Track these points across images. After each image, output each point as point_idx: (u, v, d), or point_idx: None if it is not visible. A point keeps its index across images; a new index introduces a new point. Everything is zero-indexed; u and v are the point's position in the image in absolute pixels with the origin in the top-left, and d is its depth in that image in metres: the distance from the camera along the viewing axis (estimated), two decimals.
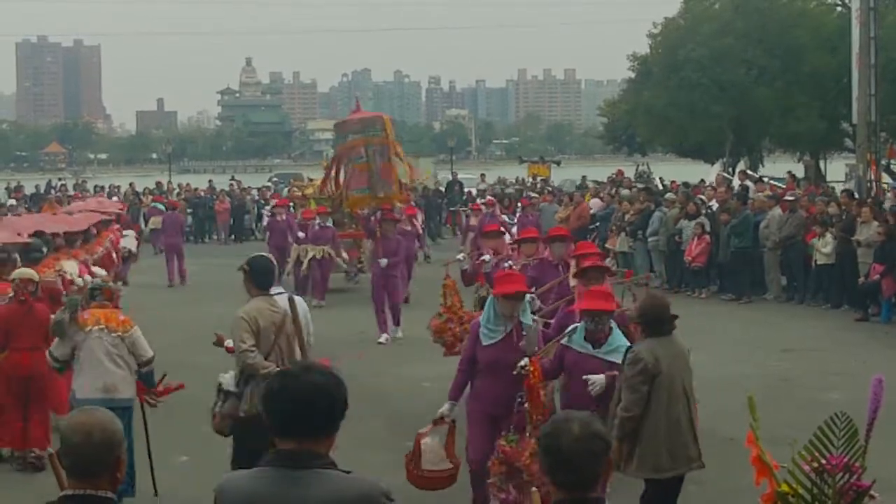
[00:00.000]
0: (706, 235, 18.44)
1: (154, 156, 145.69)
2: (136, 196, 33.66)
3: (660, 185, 27.58)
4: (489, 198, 25.43)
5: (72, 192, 34.60)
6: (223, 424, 7.01)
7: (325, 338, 14.17)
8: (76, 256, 12.52)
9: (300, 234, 18.86)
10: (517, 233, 15.15)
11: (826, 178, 33.88)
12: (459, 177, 36.96)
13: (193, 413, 7.66)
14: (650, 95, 36.03)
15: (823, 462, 3.74)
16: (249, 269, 7.10)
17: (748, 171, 28.24)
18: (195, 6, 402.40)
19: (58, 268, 11.14)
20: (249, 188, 36.20)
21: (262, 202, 32.65)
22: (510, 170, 57.77)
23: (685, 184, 25.30)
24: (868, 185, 21.40)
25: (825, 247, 16.52)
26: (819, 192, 21.64)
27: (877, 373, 3.97)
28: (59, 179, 43.96)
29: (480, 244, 13.95)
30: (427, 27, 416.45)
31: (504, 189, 33.45)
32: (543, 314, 8.48)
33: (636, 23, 52.37)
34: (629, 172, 31.96)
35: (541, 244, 10.88)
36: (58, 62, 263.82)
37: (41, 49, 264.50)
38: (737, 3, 35.22)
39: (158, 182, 38.70)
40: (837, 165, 38.62)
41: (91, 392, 7.52)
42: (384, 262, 14.48)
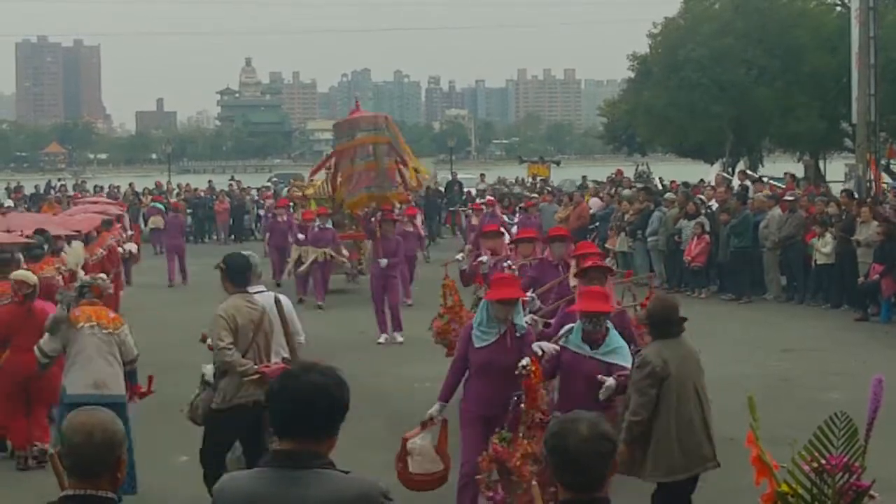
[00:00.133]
0: (706, 235, 18.44)
1: (154, 156, 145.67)
2: (136, 196, 33.66)
3: (659, 185, 27.57)
4: (489, 197, 25.43)
5: (71, 193, 34.59)
6: (196, 413, 7.13)
7: (326, 338, 14.24)
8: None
9: (300, 236, 18.78)
10: (518, 233, 15.13)
11: (826, 178, 33.86)
12: (459, 177, 36.96)
13: None
14: (650, 95, 36.02)
15: (823, 462, 3.75)
16: (226, 268, 7.23)
17: (748, 171, 28.23)
18: (195, 6, 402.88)
19: (57, 265, 11.18)
20: (249, 188, 36.20)
21: (260, 202, 32.65)
22: (510, 170, 57.74)
23: (685, 184, 25.30)
24: (868, 185, 21.41)
25: (825, 247, 16.52)
26: (818, 193, 21.63)
27: (877, 373, 3.98)
28: (59, 180, 43.93)
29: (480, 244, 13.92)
30: (427, 27, 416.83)
31: (506, 189, 33.44)
32: (543, 314, 8.49)
33: (636, 23, 52.39)
34: (629, 172, 31.90)
35: (538, 244, 10.89)
36: (58, 62, 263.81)
37: (41, 49, 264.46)
38: (737, 3, 35.21)
39: (158, 182, 38.67)
40: (837, 165, 38.59)
41: (82, 388, 7.59)
42: (384, 263, 14.46)
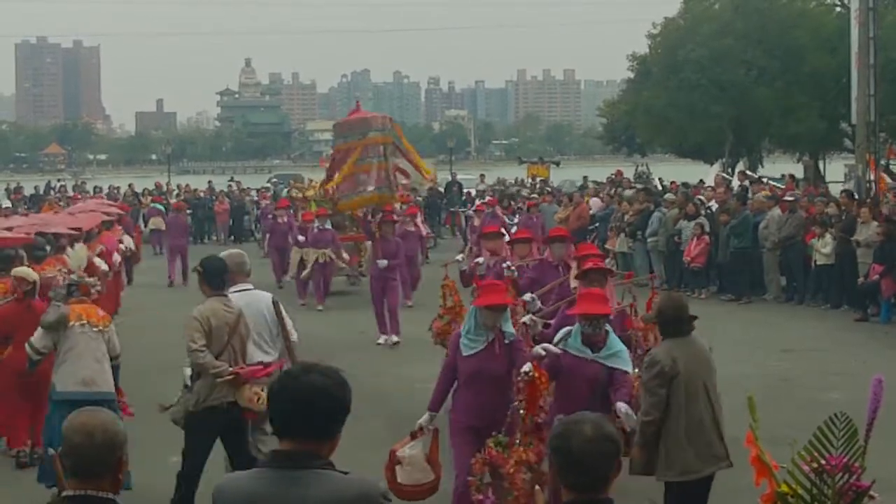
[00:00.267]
0: (705, 236, 18.45)
1: (153, 157, 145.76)
2: (136, 197, 33.65)
3: (659, 186, 27.57)
4: (490, 197, 25.43)
5: (71, 193, 34.58)
6: (177, 416, 7.20)
7: (326, 339, 14.26)
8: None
9: (300, 238, 18.74)
10: (514, 234, 15.10)
11: (825, 179, 33.87)
12: (459, 177, 36.94)
13: None
14: (650, 96, 36.04)
15: (823, 462, 3.75)
16: (203, 271, 7.28)
17: (747, 172, 28.25)
18: (195, 7, 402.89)
19: (59, 266, 11.20)
20: (249, 189, 36.19)
21: (258, 203, 32.60)
22: (509, 170, 57.68)
23: (685, 184, 25.31)
24: (867, 186, 21.41)
25: (825, 247, 16.52)
26: (817, 193, 21.63)
27: (877, 373, 3.98)
28: (59, 180, 43.91)
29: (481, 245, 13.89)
30: (427, 27, 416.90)
31: (505, 188, 33.42)
32: (544, 315, 8.47)
33: (636, 23, 52.41)
34: (628, 173, 31.92)
35: (534, 245, 10.89)
36: (57, 63, 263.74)
37: (41, 50, 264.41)
38: (737, 4, 35.23)
39: (157, 183, 38.64)
40: (837, 166, 38.61)
41: (71, 386, 7.67)
42: (383, 264, 14.42)
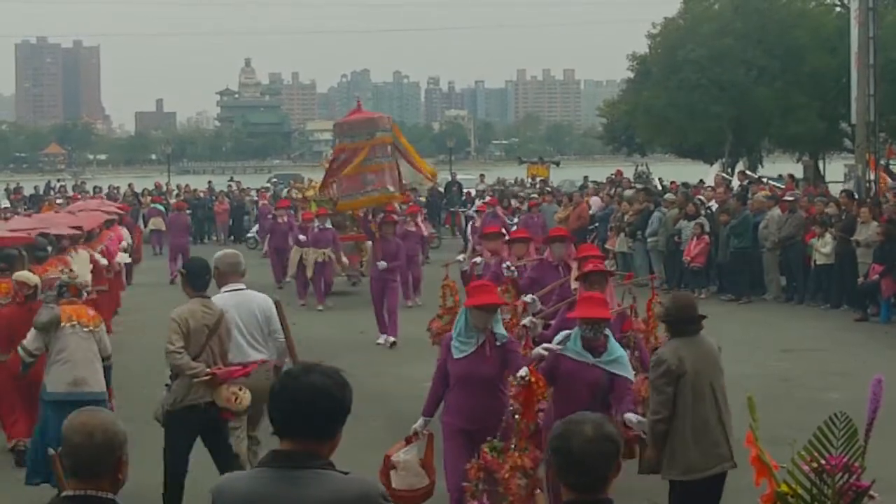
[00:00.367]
0: (705, 236, 18.45)
1: (153, 157, 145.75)
2: (136, 197, 33.64)
3: (659, 186, 27.57)
4: (490, 197, 25.41)
5: (71, 193, 34.58)
6: (158, 414, 7.28)
7: (326, 339, 14.26)
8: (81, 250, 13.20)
9: (301, 237, 18.71)
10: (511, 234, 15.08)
11: (825, 179, 33.87)
12: (458, 177, 36.95)
13: None
14: (649, 96, 36.03)
15: (823, 462, 3.75)
16: (186, 272, 7.42)
17: (747, 172, 28.25)
18: (195, 7, 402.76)
19: (61, 267, 11.24)
20: (248, 189, 36.19)
21: (256, 203, 32.51)
22: (509, 170, 57.70)
23: (684, 184, 25.32)
24: (867, 186, 21.41)
25: (824, 247, 16.53)
26: (816, 193, 21.62)
27: (876, 373, 3.98)
28: (59, 180, 43.95)
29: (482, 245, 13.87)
30: (427, 27, 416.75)
31: (507, 189, 33.41)
32: (545, 316, 8.46)
33: (636, 23, 52.40)
34: (628, 173, 31.92)
35: (531, 245, 10.89)
36: (57, 63, 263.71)
37: (40, 50, 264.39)
38: (736, 4, 35.22)
39: (157, 183, 38.64)
40: (836, 166, 38.60)
41: (62, 386, 7.73)
42: (382, 266, 14.40)
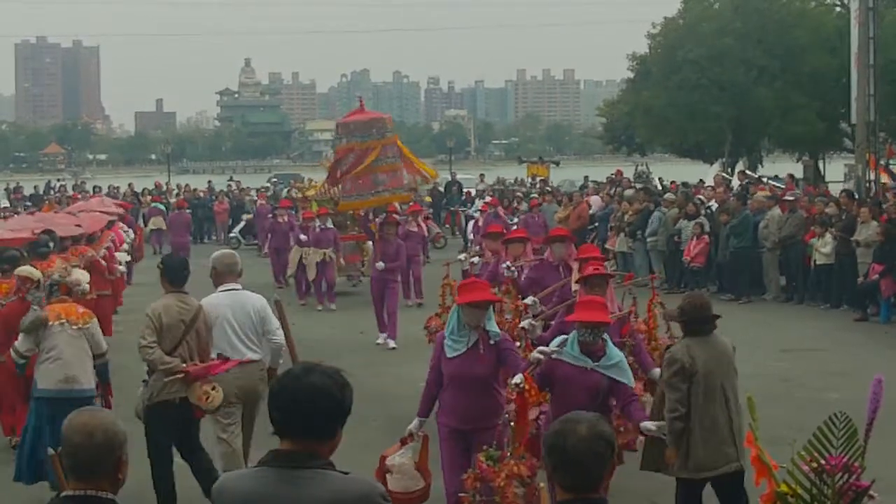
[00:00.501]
0: (705, 235, 18.45)
1: (153, 157, 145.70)
2: (136, 197, 33.65)
3: (659, 186, 27.57)
4: (491, 197, 25.40)
5: (70, 193, 34.59)
6: (138, 410, 7.37)
7: (326, 339, 14.27)
8: (83, 253, 13.21)
9: (302, 237, 18.69)
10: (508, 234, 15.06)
11: (825, 179, 33.87)
12: (458, 177, 36.95)
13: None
14: (649, 96, 36.03)
15: (823, 462, 3.75)
16: (163, 268, 7.54)
17: (747, 172, 28.26)
18: (194, 7, 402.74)
19: (62, 266, 11.30)
20: (248, 189, 36.18)
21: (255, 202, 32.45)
22: (509, 170, 57.69)
23: (684, 184, 25.31)
24: (867, 186, 21.41)
25: (824, 247, 16.52)
26: (816, 193, 21.62)
27: (876, 373, 3.98)
28: (59, 180, 43.98)
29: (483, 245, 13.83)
30: (427, 27, 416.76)
31: (507, 189, 33.39)
32: (545, 317, 8.45)
33: (635, 23, 52.42)
34: (628, 173, 31.90)
35: (528, 245, 10.89)
36: (57, 63, 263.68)
37: (40, 50, 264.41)
38: (736, 4, 35.23)
39: (157, 183, 38.67)
40: (836, 166, 38.61)
41: (52, 383, 7.79)
42: (381, 266, 14.37)
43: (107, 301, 14.13)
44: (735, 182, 24.70)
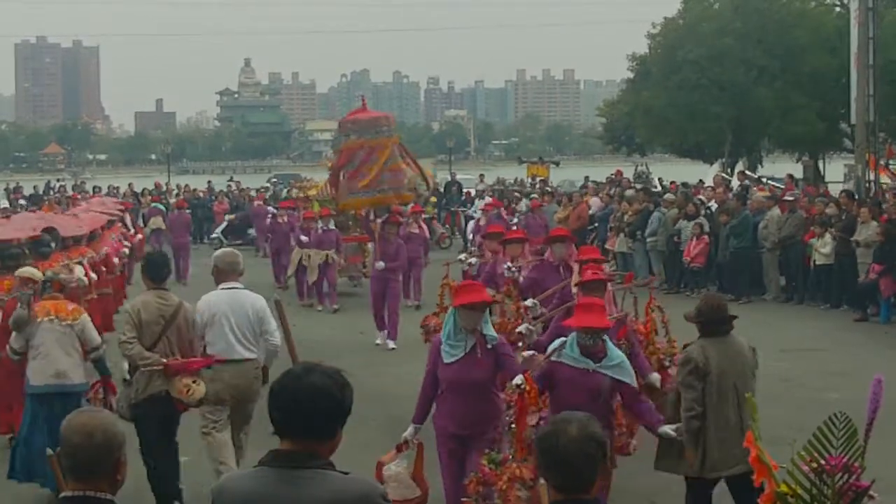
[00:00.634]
0: (705, 236, 18.45)
1: (153, 157, 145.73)
2: (136, 197, 33.63)
3: (658, 186, 27.56)
4: (492, 198, 25.36)
5: (70, 193, 34.57)
6: (123, 410, 7.37)
7: (326, 340, 14.27)
8: (83, 253, 13.20)
9: (303, 238, 18.64)
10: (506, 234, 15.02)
11: (825, 179, 33.87)
12: (458, 177, 36.94)
13: (193, 413, 7.69)
14: (649, 96, 36.04)
15: (823, 462, 3.74)
16: (145, 264, 7.68)
17: (747, 172, 28.26)
18: (194, 7, 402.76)
19: (64, 262, 11.34)
20: (248, 189, 36.16)
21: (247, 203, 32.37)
22: (509, 170, 57.69)
23: (684, 184, 25.30)
24: (867, 186, 21.41)
25: (824, 247, 16.52)
26: (816, 194, 21.61)
27: (876, 373, 3.97)
28: (58, 180, 43.94)
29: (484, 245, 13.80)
30: (427, 27, 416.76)
31: (507, 189, 33.36)
32: (545, 319, 8.43)
33: (635, 23, 52.44)
34: (628, 173, 31.90)
35: (526, 246, 10.88)
36: (57, 63, 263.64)
37: (40, 50, 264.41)
38: (736, 4, 35.24)
39: (157, 183, 38.63)
40: (836, 166, 38.61)
41: (43, 379, 7.86)
42: (380, 266, 14.35)
43: (108, 299, 14.21)
44: (735, 182, 24.70)
